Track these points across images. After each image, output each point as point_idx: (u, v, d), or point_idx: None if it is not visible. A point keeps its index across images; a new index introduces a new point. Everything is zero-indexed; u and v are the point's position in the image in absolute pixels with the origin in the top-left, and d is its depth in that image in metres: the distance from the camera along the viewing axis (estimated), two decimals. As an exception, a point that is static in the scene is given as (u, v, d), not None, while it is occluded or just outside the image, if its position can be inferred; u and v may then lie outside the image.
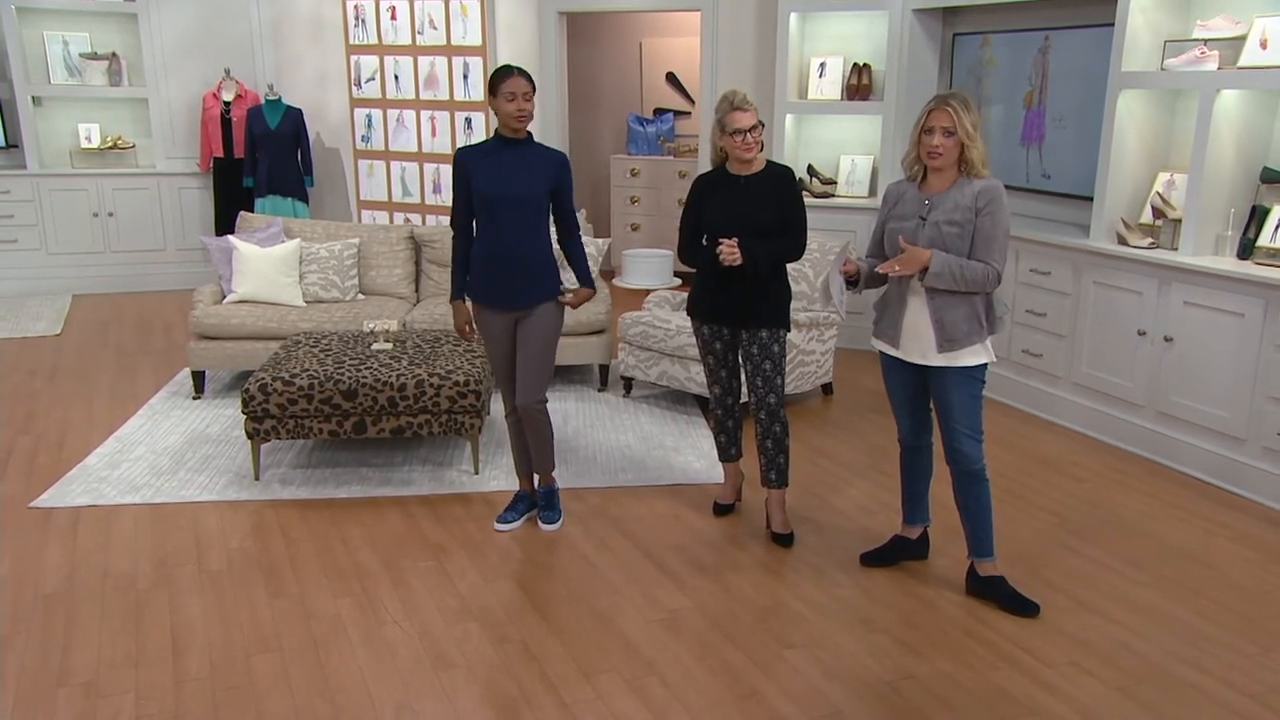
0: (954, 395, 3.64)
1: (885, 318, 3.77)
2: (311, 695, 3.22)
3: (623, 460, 5.16)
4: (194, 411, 5.87)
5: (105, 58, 8.68)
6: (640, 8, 8.13)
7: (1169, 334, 5.04)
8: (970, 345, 3.59)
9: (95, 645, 3.50)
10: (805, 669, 3.36)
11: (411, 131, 8.79)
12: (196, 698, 3.21)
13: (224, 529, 4.40)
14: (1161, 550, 4.23)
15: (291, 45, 9.08)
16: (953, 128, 3.49)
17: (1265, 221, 4.90)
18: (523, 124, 4.08)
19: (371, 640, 3.54)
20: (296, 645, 3.50)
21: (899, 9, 6.76)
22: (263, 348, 6.05)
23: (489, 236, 4.13)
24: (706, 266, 4.20)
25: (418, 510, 4.60)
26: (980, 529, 3.74)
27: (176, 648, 3.49)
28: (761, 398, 4.19)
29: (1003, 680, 3.30)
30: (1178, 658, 3.44)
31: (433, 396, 4.86)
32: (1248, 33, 4.92)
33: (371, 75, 8.79)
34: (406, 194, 8.98)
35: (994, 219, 3.51)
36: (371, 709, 3.15)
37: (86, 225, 8.77)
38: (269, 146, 8.46)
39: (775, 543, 4.26)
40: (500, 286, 4.14)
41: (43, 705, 3.17)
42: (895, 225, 3.66)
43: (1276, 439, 4.62)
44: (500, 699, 3.21)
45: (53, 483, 4.83)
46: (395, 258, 6.69)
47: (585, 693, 3.23)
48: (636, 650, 3.47)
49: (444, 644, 3.52)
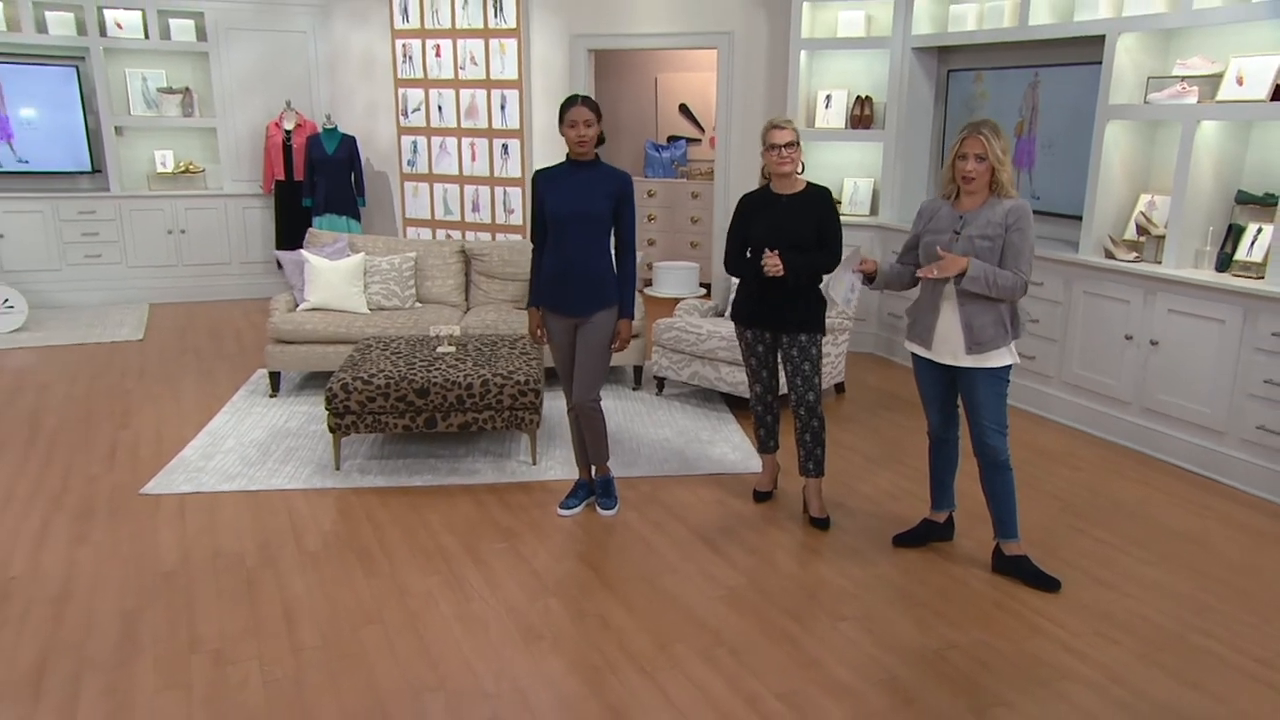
0: (981, 393, 3.63)
1: (919, 323, 3.76)
2: (416, 664, 3.19)
3: (665, 452, 5.14)
4: (272, 408, 5.82)
5: (179, 92, 8.62)
6: (661, 45, 8.07)
7: (1155, 338, 5.04)
8: (997, 348, 3.58)
9: (216, 617, 3.47)
10: (858, 639, 3.34)
11: (453, 156, 8.75)
12: (314, 665, 3.18)
13: (315, 514, 4.37)
14: (1160, 531, 4.23)
15: (345, 79, 9.02)
16: (984, 153, 3.48)
17: (1241, 238, 4.91)
18: (584, 149, 4.05)
19: (463, 615, 3.51)
20: (396, 619, 3.47)
21: (899, 48, 6.75)
22: (332, 351, 6.02)
23: (556, 250, 4.10)
24: (750, 276, 4.19)
25: (486, 497, 4.56)
26: (1005, 513, 3.73)
27: (289, 620, 3.45)
28: (801, 395, 4.17)
29: (1035, 648, 3.29)
30: (1190, 627, 3.44)
31: (496, 394, 4.83)
32: (1224, 70, 4.93)
33: (417, 106, 8.75)
34: (448, 212, 8.93)
35: (1023, 234, 3.51)
36: (472, 677, 3.13)
37: (161, 241, 8.70)
38: (326, 170, 8.40)
39: (813, 526, 4.24)
40: (563, 295, 4.12)
41: (179, 670, 3.14)
42: (931, 238, 3.65)
43: (1255, 432, 4.62)
44: (586, 668, 3.18)
45: (156, 472, 4.78)
46: (448, 269, 6.66)
47: (663, 662, 3.21)
48: (703, 623, 3.45)
49: (528, 618, 3.49)
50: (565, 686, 3.07)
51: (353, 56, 8.94)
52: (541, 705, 2.98)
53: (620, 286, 4.15)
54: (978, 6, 6.31)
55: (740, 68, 7.61)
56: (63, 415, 5.62)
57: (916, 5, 6.65)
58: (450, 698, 3.01)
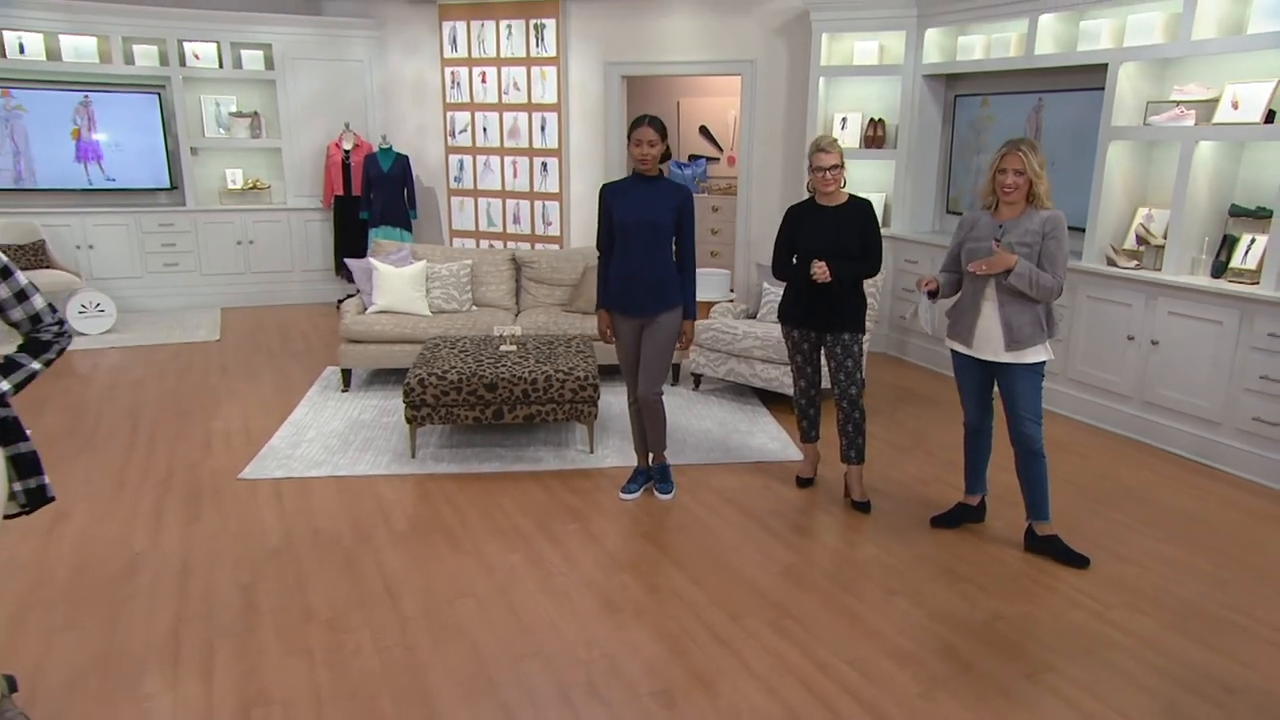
0: (1019, 387, 3.63)
1: (960, 323, 3.75)
2: (510, 633, 3.19)
3: (709, 442, 5.13)
4: (345, 402, 5.81)
5: (248, 115, 8.60)
6: (688, 73, 8.07)
7: (1156, 338, 5.03)
8: (1033, 345, 3.58)
9: (324, 590, 3.47)
10: (911, 611, 3.34)
11: (496, 174, 8.75)
12: (419, 633, 3.18)
13: (398, 497, 4.36)
14: (1168, 513, 4.22)
15: (398, 104, 9.01)
16: (1023, 169, 3.48)
17: (1235, 248, 4.90)
18: (647, 165, 4.05)
19: (547, 588, 3.50)
20: (487, 592, 3.47)
21: (910, 75, 6.75)
22: (397, 350, 6.01)
23: (623, 257, 4.09)
24: (797, 281, 4.18)
25: (551, 483, 4.56)
26: (1039, 496, 3.73)
27: (390, 593, 3.45)
28: (844, 389, 4.17)
29: (1074, 619, 3.29)
30: (1210, 599, 3.44)
31: (558, 389, 4.82)
32: (1220, 96, 4.93)
33: (464, 128, 8.75)
34: (491, 224, 8.93)
35: (1059, 242, 3.51)
36: (564, 644, 3.12)
37: (231, 251, 8.69)
38: (382, 186, 8.38)
39: (855, 509, 4.23)
40: (631, 298, 4.11)
41: (298, 637, 3.14)
42: (973, 245, 3.64)
43: (1251, 423, 4.62)
44: (667, 636, 3.18)
45: (250, 459, 4.78)
46: (500, 276, 6.65)
47: (736, 631, 3.20)
48: (767, 596, 3.45)
49: (607, 591, 3.49)
50: (649, 653, 3.07)
51: (405, 83, 8.93)
52: (630, 670, 2.97)
53: (682, 289, 4.14)
54: (984, 38, 6.30)
55: (762, 93, 7.61)
56: (158, 409, 5.61)
57: (927, 37, 6.64)
58: (546, 663, 3.01)
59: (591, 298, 6.31)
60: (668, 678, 2.93)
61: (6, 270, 2.27)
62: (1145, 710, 2.78)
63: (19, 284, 2.30)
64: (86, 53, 7.94)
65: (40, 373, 2.36)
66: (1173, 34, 5.13)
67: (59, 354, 2.40)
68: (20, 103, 7.73)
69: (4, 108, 7.66)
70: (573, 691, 2.85)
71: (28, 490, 2.41)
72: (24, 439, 2.38)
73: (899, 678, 2.92)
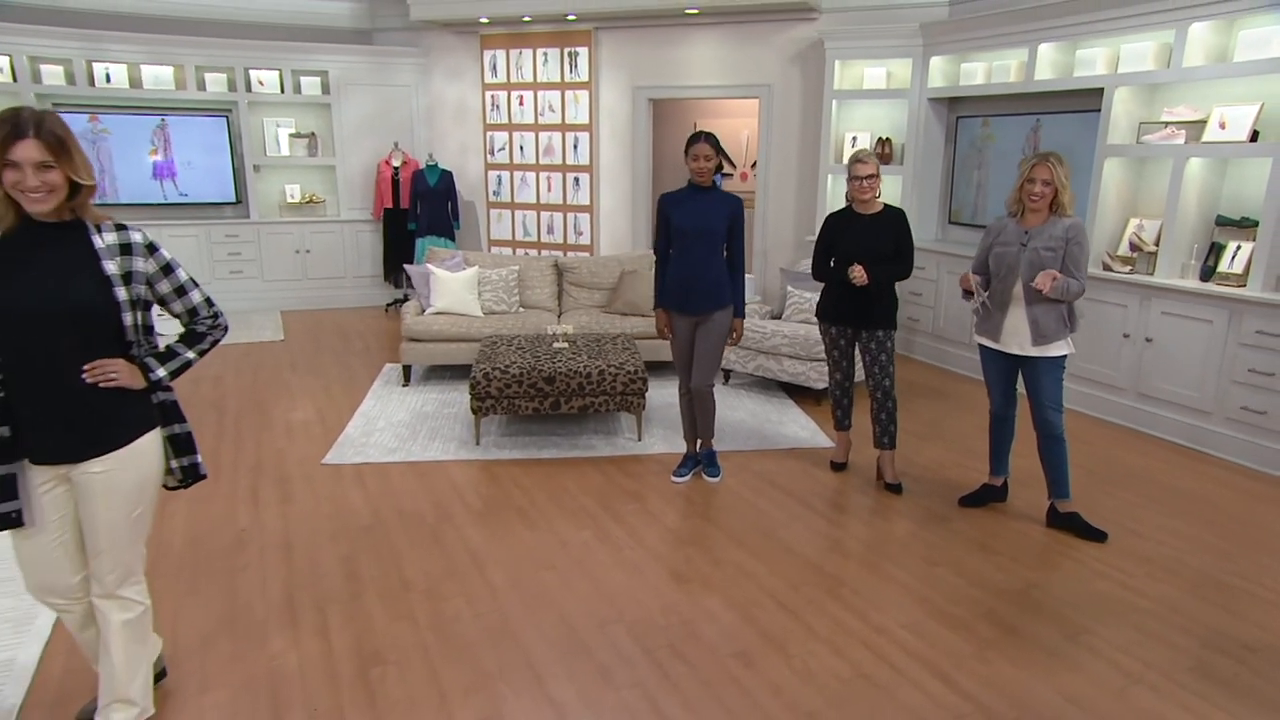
0: (1044, 378, 3.66)
1: (989, 321, 3.78)
2: (593, 601, 3.21)
3: (745, 431, 5.15)
4: (408, 396, 5.82)
5: (306, 136, 8.60)
6: (710, 96, 8.09)
7: (1149, 336, 5.07)
8: (1057, 340, 3.61)
9: (418, 563, 3.49)
10: (953, 581, 3.37)
11: (531, 188, 8.77)
12: (510, 601, 3.20)
13: (469, 479, 4.38)
14: (1172, 493, 4.26)
15: (441, 125, 9.02)
16: (1050, 179, 3.51)
17: (1221, 254, 4.94)
18: (703, 177, 4.07)
19: (619, 561, 3.52)
20: (565, 564, 3.49)
21: (916, 97, 6.78)
22: (454, 348, 6.03)
23: (680, 260, 4.11)
24: (834, 282, 4.21)
25: (607, 468, 4.57)
26: (1060, 477, 3.76)
27: (477, 565, 3.47)
28: (878, 381, 4.20)
29: (1101, 587, 3.32)
30: (1220, 569, 3.47)
31: (610, 382, 4.84)
32: (1208, 117, 4.98)
33: (502, 146, 8.77)
34: (526, 234, 8.95)
35: (1081, 247, 3.54)
36: (643, 611, 3.15)
37: (290, 259, 8.69)
38: (428, 200, 8.39)
39: (888, 490, 4.26)
40: (687, 298, 4.13)
41: (402, 604, 3.16)
42: (1000, 250, 3.67)
43: (1239, 411, 4.66)
44: (735, 604, 3.20)
45: (329, 447, 4.80)
46: (544, 280, 6.67)
47: (798, 599, 3.23)
48: (820, 568, 3.47)
49: (674, 564, 3.51)
50: (723, 619, 3.09)
51: (448, 105, 8.94)
52: (708, 634, 3.00)
53: (733, 289, 4.15)
54: (985, 65, 6.34)
55: (778, 114, 7.64)
56: (240, 402, 5.62)
57: (931, 64, 6.68)
58: (630, 628, 3.04)
59: (629, 299, 6.37)
60: (742, 640, 2.95)
61: (169, 267, 2.30)
62: (1178, 666, 2.81)
63: (179, 280, 2.32)
64: (164, 81, 7.98)
65: (194, 362, 2.38)
66: (1164, 61, 5.17)
67: (213, 345, 2.42)
68: (105, 126, 7.76)
69: (91, 131, 7.69)
70: (658, 653, 2.87)
71: (183, 467, 2.43)
72: (181, 421, 2.40)
73: (952, 640, 2.95)
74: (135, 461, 2.27)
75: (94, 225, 2.19)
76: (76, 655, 2.83)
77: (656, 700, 2.63)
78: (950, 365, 6.56)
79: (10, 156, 2.00)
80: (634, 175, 8.39)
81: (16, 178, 2.02)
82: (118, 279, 2.18)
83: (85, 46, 7.62)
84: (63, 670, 2.77)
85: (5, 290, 2.08)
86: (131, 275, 2.21)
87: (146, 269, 2.25)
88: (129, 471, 2.26)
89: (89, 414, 2.19)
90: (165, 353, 2.33)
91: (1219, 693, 2.69)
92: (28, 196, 2.04)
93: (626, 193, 8.46)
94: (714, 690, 2.67)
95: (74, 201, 2.12)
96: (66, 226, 2.15)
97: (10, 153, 1.99)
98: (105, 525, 2.25)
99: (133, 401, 2.27)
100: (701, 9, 7.32)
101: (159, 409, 2.35)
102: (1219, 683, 2.74)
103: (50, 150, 2.03)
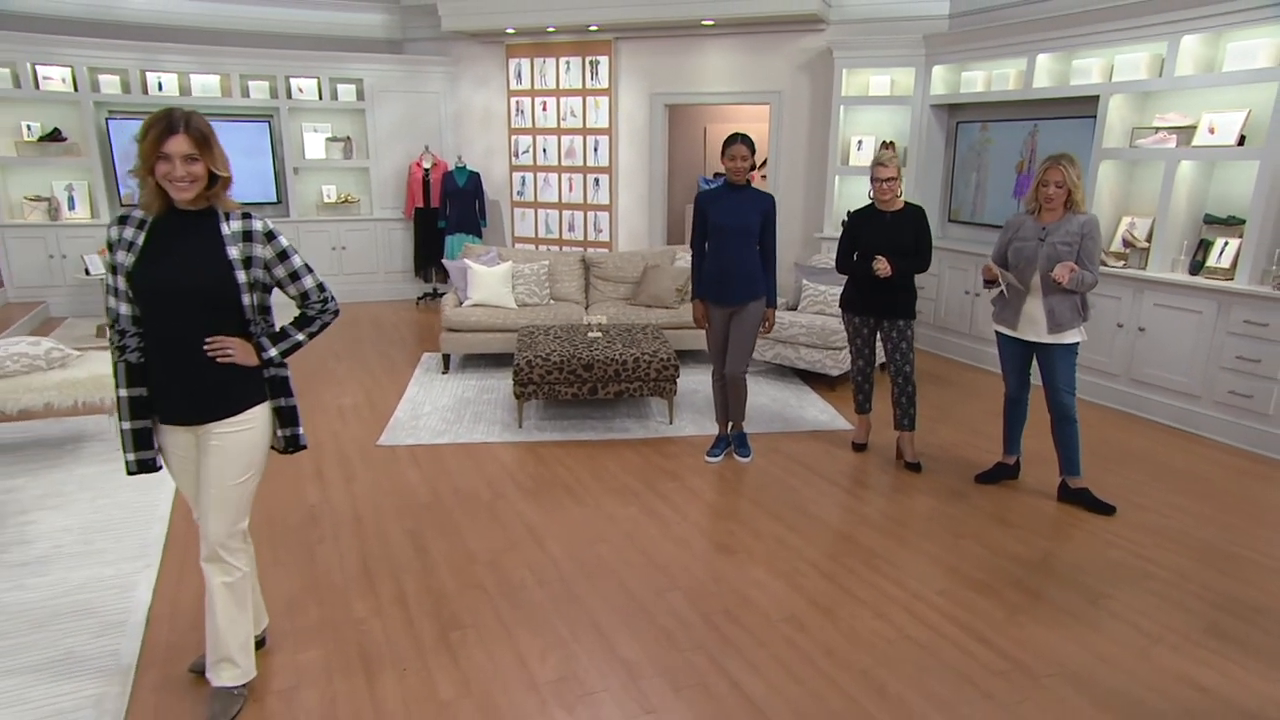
0: (1058, 364, 3.70)
1: (1007, 309, 3.81)
2: (648, 571, 3.24)
3: (768, 414, 5.17)
4: (448, 383, 5.83)
5: (342, 140, 8.57)
6: (723, 102, 8.08)
7: (1142, 326, 5.11)
8: (1071, 328, 3.65)
9: (478, 537, 3.51)
10: (978, 551, 3.41)
11: (554, 188, 8.76)
12: (569, 572, 3.23)
13: (516, 459, 4.40)
14: (1168, 470, 4.30)
15: (468, 129, 9.00)
16: (1063, 181, 3.54)
17: (1210, 250, 4.98)
18: (738, 176, 4.07)
19: (668, 535, 3.55)
20: (617, 538, 3.52)
21: (918, 104, 6.79)
22: (490, 337, 6.04)
23: (716, 254, 4.13)
24: (858, 275, 4.23)
25: (642, 449, 4.59)
26: (1072, 455, 3.80)
27: (535, 539, 3.50)
28: (899, 367, 4.23)
29: (1114, 556, 3.37)
30: (1224, 539, 3.52)
31: (645, 369, 4.86)
32: (1198, 123, 5.01)
33: (526, 149, 8.75)
34: (549, 231, 8.95)
35: (1095, 242, 3.57)
36: (695, 580, 3.18)
37: (327, 255, 8.67)
38: (458, 199, 8.38)
39: (908, 469, 4.29)
40: (723, 289, 4.14)
41: (470, 574, 3.19)
42: (1019, 245, 3.70)
43: (1227, 395, 4.71)
44: (780, 574, 3.23)
45: (382, 430, 4.81)
46: (572, 274, 6.67)
47: (837, 569, 3.26)
48: (854, 540, 3.51)
49: (718, 537, 3.54)
50: (770, 587, 3.13)
51: (475, 111, 8.92)
52: (758, 600, 3.03)
53: (766, 281, 4.15)
54: (985, 73, 6.35)
55: (787, 119, 7.64)
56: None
57: (934, 72, 6.69)
58: (685, 594, 3.07)
59: (653, 292, 6.38)
60: (791, 606, 2.99)
61: (285, 254, 2.34)
62: (1193, 627, 2.86)
63: (294, 266, 2.36)
64: (211, 89, 7.96)
65: (304, 343, 2.41)
66: (1156, 71, 5.20)
67: (322, 328, 2.45)
68: (156, 130, 7.71)
69: (143, 134, 7.64)
70: (715, 618, 2.91)
71: (286, 437, 2.47)
72: (289, 395, 2.43)
73: (983, 604, 2.99)
74: (245, 429, 2.34)
75: (224, 213, 2.28)
76: (179, 616, 2.86)
77: (720, 661, 2.66)
78: (952, 354, 6.59)
79: (163, 149, 2.13)
80: (650, 176, 8.38)
81: (167, 169, 2.14)
82: (239, 263, 2.25)
83: (140, 57, 7.61)
84: (168, 630, 2.79)
85: (153, 269, 2.20)
86: (251, 260, 2.28)
87: (264, 254, 2.30)
88: (239, 438, 2.33)
89: (208, 383, 2.28)
90: (279, 333, 2.37)
91: (1233, 650, 2.74)
92: (175, 185, 2.16)
93: (643, 192, 8.46)
94: (771, 651, 2.71)
95: (211, 191, 2.22)
96: (202, 214, 2.25)
97: (164, 146, 2.13)
98: (215, 485, 2.32)
99: (246, 376, 2.33)
100: (716, 20, 7.31)
101: (269, 383, 2.39)
102: (1233, 642, 2.79)
103: (196, 144, 2.15)
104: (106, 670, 2.56)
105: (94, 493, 3.83)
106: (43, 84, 7.36)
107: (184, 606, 2.94)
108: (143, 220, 2.24)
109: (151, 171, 2.16)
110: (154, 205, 2.21)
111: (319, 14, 8.55)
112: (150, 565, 3.20)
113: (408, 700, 2.48)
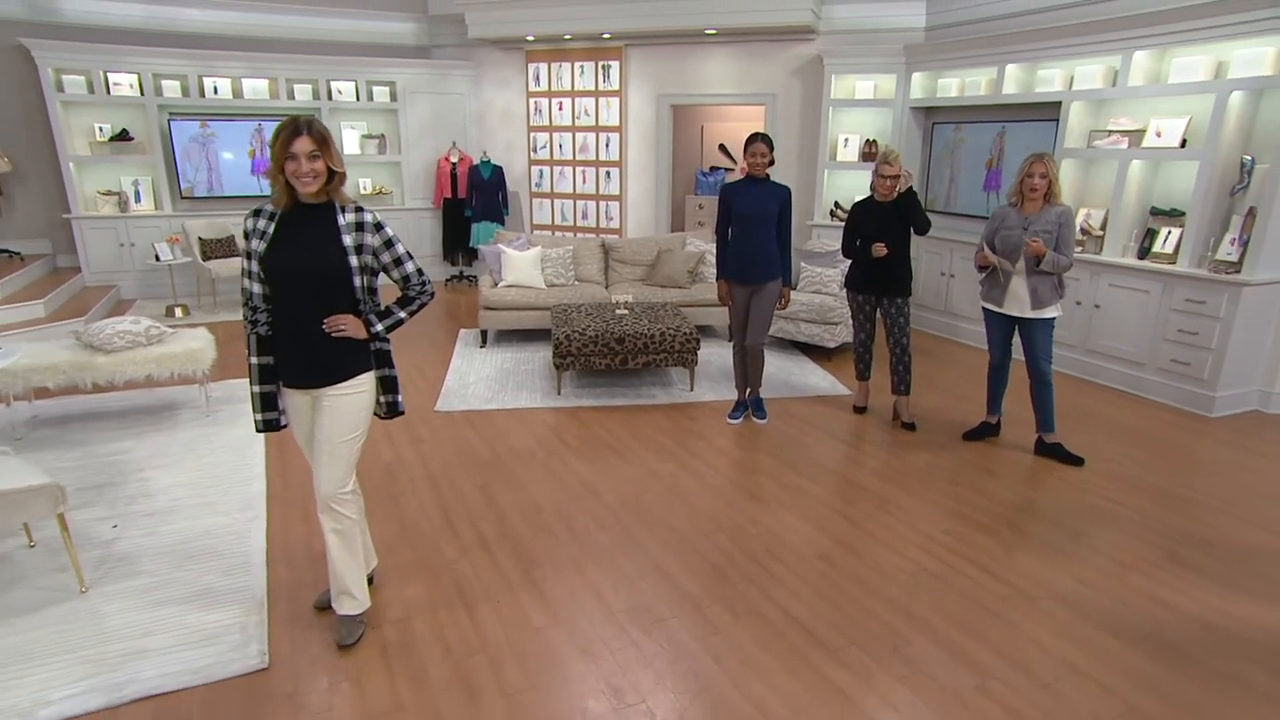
0: (1039, 336, 3.82)
1: (995, 289, 3.92)
2: (693, 516, 3.35)
3: (776, 382, 5.26)
4: (487, 356, 5.88)
5: (376, 137, 8.48)
6: (723, 102, 8.08)
7: (1098, 303, 5.26)
8: (1050, 305, 3.77)
9: (540, 490, 3.59)
10: (975, 498, 3.54)
11: (569, 180, 8.74)
12: (625, 519, 3.32)
13: (561, 423, 4.47)
14: (1125, 428, 4.45)
15: (490, 126, 8.93)
16: (1045, 173, 3.64)
17: (1155, 238, 5.11)
18: (759, 171, 4.11)
19: (704, 487, 3.66)
20: (661, 489, 3.62)
21: (899, 107, 6.85)
22: (523, 315, 6.07)
23: (739, 239, 4.18)
24: (861, 257, 4.31)
25: (671, 413, 4.67)
26: (1048, 414, 3.94)
27: (591, 491, 3.59)
28: (897, 339, 4.34)
29: (1087, 500, 3.52)
30: (1178, 484, 3.68)
31: (670, 341, 4.94)
32: (1146, 127, 5.12)
33: (544, 145, 8.71)
34: (564, 220, 8.93)
35: (1069, 229, 3.69)
36: (736, 524, 3.29)
37: (365, 241, 8.61)
38: (482, 190, 8.35)
39: (904, 428, 4.40)
40: (746, 270, 4.20)
41: (539, 522, 3.27)
42: (1005, 233, 3.80)
43: (1169, 364, 4.87)
44: (807, 518, 3.35)
45: (436, 398, 4.86)
46: (594, 257, 6.71)
47: (856, 513, 3.39)
48: (866, 489, 3.63)
49: (749, 488, 3.65)
50: (800, 529, 3.25)
51: (496, 110, 8.84)
52: (792, 539, 3.16)
53: (782, 263, 4.21)
54: (959, 80, 6.42)
55: (781, 118, 7.67)
56: (352, 360, 5.64)
57: (913, 79, 6.74)
58: (729, 535, 3.19)
59: (667, 274, 6.43)
60: (820, 545, 3.12)
61: (390, 242, 2.39)
62: (1157, 558, 3.03)
63: (397, 253, 2.41)
64: (260, 91, 7.84)
65: (405, 320, 2.47)
66: (1110, 81, 5.30)
67: (420, 307, 2.51)
68: (213, 130, 7.64)
69: (202, 135, 7.58)
70: (758, 555, 3.03)
71: (388, 403, 2.54)
72: (390, 366, 2.50)
73: (985, 541, 3.14)
74: (355, 393, 2.42)
75: (341, 206, 2.33)
76: (293, 560, 2.93)
77: (768, 591, 2.79)
78: (931, 329, 6.73)
79: (291, 149, 2.21)
80: (657, 169, 8.39)
81: (294, 166, 2.22)
82: (351, 250, 2.32)
83: (197, 64, 7.52)
84: (285, 570, 2.87)
85: (283, 254, 2.27)
86: (362, 247, 2.35)
87: (373, 243, 2.36)
88: (349, 400, 2.41)
89: (324, 353, 2.36)
90: (384, 311, 2.43)
91: (1193, 575, 2.91)
92: (300, 180, 2.24)
93: (650, 184, 8.47)
94: (811, 584, 2.84)
95: (329, 185, 2.29)
96: (322, 207, 2.32)
97: (292, 146, 2.20)
98: (327, 442, 2.40)
99: (356, 348, 2.41)
100: (718, 30, 7.30)
101: (375, 355, 2.45)
102: (1192, 569, 2.96)
103: (317, 144, 2.23)
104: (243, 602, 2.65)
105: (196, 454, 3.87)
106: (113, 89, 7.29)
107: (294, 551, 3.02)
108: (273, 213, 2.31)
109: (281, 170, 2.23)
110: (283, 199, 2.28)
111: (356, 23, 8.43)
112: (258, 516, 3.27)
113: (506, 628, 2.58)
